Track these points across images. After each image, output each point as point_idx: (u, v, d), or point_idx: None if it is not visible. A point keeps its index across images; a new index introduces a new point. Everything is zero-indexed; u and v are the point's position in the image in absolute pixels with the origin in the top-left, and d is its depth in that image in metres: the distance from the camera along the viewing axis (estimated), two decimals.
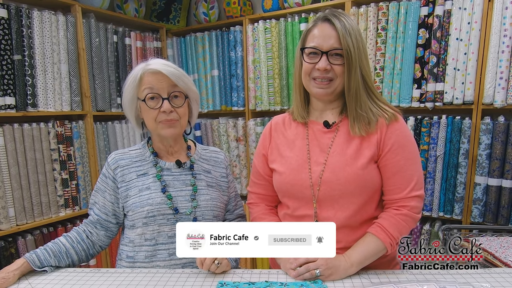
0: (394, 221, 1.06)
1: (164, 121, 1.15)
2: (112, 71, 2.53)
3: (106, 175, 1.22)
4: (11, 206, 1.98)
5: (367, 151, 1.08)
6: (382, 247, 1.05)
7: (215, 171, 1.31)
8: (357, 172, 1.06)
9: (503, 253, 1.33)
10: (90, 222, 1.23)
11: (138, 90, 1.16)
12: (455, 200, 2.05)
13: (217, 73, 2.77)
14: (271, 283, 0.99)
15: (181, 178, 1.23)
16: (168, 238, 1.17)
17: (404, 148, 1.08)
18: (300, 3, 2.41)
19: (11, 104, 1.97)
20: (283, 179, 1.15)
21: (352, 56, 1.05)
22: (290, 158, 1.16)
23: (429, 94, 2.05)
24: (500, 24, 1.83)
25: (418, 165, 1.11)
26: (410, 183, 1.07)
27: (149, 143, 1.27)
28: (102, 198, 1.22)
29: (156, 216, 1.16)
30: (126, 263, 1.20)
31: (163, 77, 1.13)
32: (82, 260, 1.20)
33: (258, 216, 1.24)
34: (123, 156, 1.24)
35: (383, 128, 1.08)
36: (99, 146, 2.47)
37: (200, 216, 1.20)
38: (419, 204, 1.09)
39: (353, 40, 1.04)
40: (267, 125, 1.27)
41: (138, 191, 1.18)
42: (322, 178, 1.09)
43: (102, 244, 1.24)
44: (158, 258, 1.17)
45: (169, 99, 1.14)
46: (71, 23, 2.23)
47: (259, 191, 1.26)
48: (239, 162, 2.79)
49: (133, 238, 1.19)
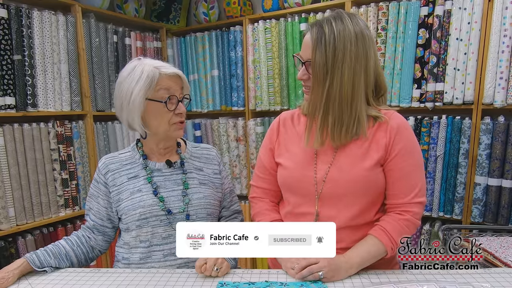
0: (397, 226, 1.06)
1: (178, 123, 1.16)
2: (112, 71, 2.53)
3: (98, 180, 1.23)
4: (11, 206, 1.98)
5: (375, 154, 1.08)
6: (383, 250, 1.05)
7: (207, 168, 1.30)
8: (363, 173, 1.06)
9: (503, 253, 1.33)
10: (87, 228, 1.24)
11: (152, 90, 1.12)
12: (455, 200, 2.05)
13: (217, 73, 2.77)
14: (271, 283, 0.99)
15: (172, 177, 1.22)
16: (162, 239, 1.17)
17: (411, 154, 1.08)
18: (300, 3, 2.41)
19: (11, 104, 1.97)
20: (288, 173, 1.15)
21: (319, 68, 1.02)
22: (296, 154, 1.16)
23: (429, 94, 2.05)
24: (500, 24, 1.83)
25: (422, 172, 1.11)
26: (414, 189, 1.07)
27: (138, 146, 1.26)
28: (96, 204, 1.23)
29: (149, 218, 1.16)
30: (122, 264, 1.20)
31: (177, 80, 1.15)
32: (81, 263, 1.21)
33: (261, 212, 1.24)
34: (113, 160, 1.23)
35: (393, 133, 1.08)
36: (99, 146, 2.47)
37: (193, 215, 1.19)
38: (420, 210, 1.09)
39: (328, 49, 1.01)
40: (275, 120, 1.27)
41: (130, 194, 1.18)
42: (328, 176, 1.09)
43: (101, 249, 1.26)
44: (152, 259, 1.17)
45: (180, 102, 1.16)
46: (71, 23, 2.23)
47: (264, 185, 1.25)
48: (239, 162, 2.79)
49: (128, 240, 1.19)
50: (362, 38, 1.03)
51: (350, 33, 1.01)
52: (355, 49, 1.01)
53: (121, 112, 1.17)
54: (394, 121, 1.09)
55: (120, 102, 1.15)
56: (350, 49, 1.01)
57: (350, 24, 1.02)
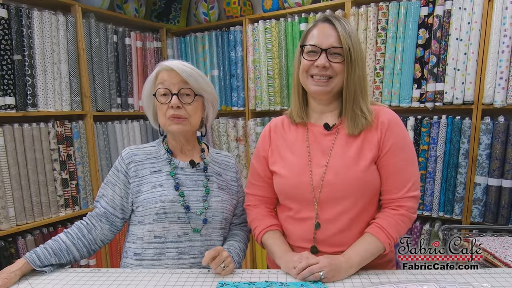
0: (392, 221, 1.07)
1: (171, 116, 1.16)
2: (112, 71, 2.53)
3: (119, 168, 1.22)
4: (11, 206, 1.98)
5: (368, 153, 1.08)
6: (381, 247, 1.06)
7: (226, 174, 1.32)
8: (359, 174, 1.07)
9: (503, 253, 1.33)
10: (96, 215, 1.22)
11: (154, 86, 1.20)
12: (455, 200, 2.05)
13: (217, 73, 2.77)
14: (271, 283, 0.99)
15: (194, 178, 1.23)
16: (178, 236, 1.17)
17: (403, 149, 1.09)
18: (300, 3, 2.41)
19: (11, 104, 1.97)
20: (285, 181, 1.15)
21: (352, 55, 1.07)
22: (291, 161, 1.16)
23: (429, 94, 2.05)
24: (500, 24, 1.83)
25: (415, 166, 1.12)
26: (407, 184, 1.08)
27: (164, 141, 1.28)
28: (111, 191, 1.22)
29: (168, 213, 1.16)
30: (133, 260, 1.19)
31: (175, 74, 1.15)
32: (83, 256, 1.20)
33: (257, 218, 1.24)
34: (138, 152, 1.24)
35: (383, 129, 1.09)
36: (99, 146, 2.47)
37: (210, 217, 1.20)
38: (415, 204, 1.10)
39: (352, 41, 1.07)
40: (266, 127, 1.28)
41: (151, 187, 1.18)
42: (325, 180, 1.09)
43: (104, 239, 1.23)
44: (166, 256, 1.16)
45: (179, 96, 1.15)
46: (71, 23, 2.23)
47: (258, 193, 1.26)
48: (239, 162, 2.79)
49: (141, 235, 1.18)
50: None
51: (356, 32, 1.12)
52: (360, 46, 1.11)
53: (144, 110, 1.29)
54: (385, 117, 1.11)
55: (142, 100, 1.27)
56: (360, 45, 1.10)
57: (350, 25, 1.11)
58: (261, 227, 1.21)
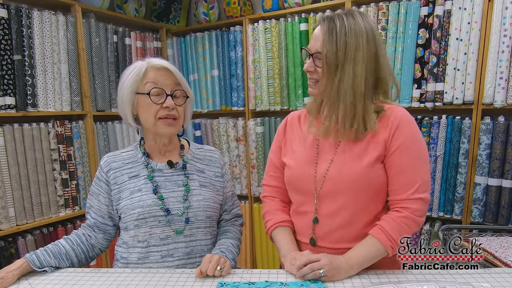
0: (395, 224, 1.05)
1: (165, 117, 1.14)
2: (112, 71, 2.53)
3: (100, 178, 1.23)
4: (11, 206, 1.98)
5: (374, 151, 1.07)
6: (383, 250, 1.05)
7: (209, 170, 1.29)
8: (362, 170, 1.06)
9: (503, 253, 1.33)
10: (88, 226, 1.24)
11: (139, 84, 1.14)
12: (455, 200, 2.05)
13: (217, 73, 2.77)
14: (271, 283, 0.99)
15: (173, 178, 1.22)
16: (160, 240, 1.17)
17: (411, 149, 1.06)
18: (300, 3, 2.41)
19: (11, 104, 1.97)
20: (291, 172, 1.17)
21: (331, 61, 1.03)
22: (300, 153, 1.17)
23: (429, 94, 2.05)
24: (500, 24, 1.83)
25: (424, 168, 1.08)
26: (414, 185, 1.05)
27: (141, 144, 1.26)
28: (97, 202, 1.23)
29: (147, 218, 1.15)
30: (121, 264, 1.20)
31: (168, 74, 1.14)
32: (81, 262, 1.21)
33: (270, 211, 1.24)
34: (115, 159, 1.23)
35: (393, 128, 1.07)
36: (99, 146, 2.47)
37: (192, 217, 1.19)
38: (422, 207, 1.06)
39: (339, 43, 1.02)
40: (283, 120, 1.29)
41: (130, 193, 1.18)
42: (327, 174, 1.09)
43: (101, 247, 1.25)
44: (150, 260, 1.17)
45: (172, 97, 1.14)
46: (71, 23, 2.23)
47: (275, 183, 1.26)
48: (239, 162, 2.79)
49: (126, 239, 1.19)
50: (374, 36, 1.05)
51: (362, 30, 1.03)
52: (367, 46, 1.03)
53: (119, 108, 1.21)
54: (395, 116, 1.08)
55: (118, 99, 1.20)
56: (363, 46, 1.03)
57: (361, 22, 1.04)
58: (272, 221, 1.22)
